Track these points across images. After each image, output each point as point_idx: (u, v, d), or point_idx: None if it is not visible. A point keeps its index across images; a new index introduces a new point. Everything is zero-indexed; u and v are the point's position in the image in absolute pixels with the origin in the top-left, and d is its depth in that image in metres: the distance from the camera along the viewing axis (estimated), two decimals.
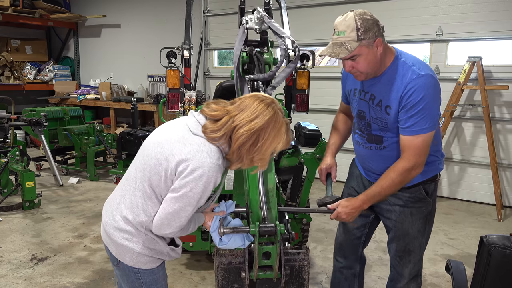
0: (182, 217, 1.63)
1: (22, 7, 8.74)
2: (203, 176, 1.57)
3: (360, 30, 1.87)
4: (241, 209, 2.01)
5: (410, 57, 2.02)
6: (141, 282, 1.79)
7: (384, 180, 2.04)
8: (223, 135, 1.61)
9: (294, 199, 3.37)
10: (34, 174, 4.99)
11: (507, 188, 5.49)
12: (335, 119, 2.53)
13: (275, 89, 2.66)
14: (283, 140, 1.66)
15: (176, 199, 1.60)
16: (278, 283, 1.85)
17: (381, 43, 1.93)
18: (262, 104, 1.63)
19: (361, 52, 1.91)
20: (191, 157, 1.58)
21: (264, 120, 1.61)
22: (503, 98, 5.37)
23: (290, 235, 1.82)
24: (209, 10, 7.79)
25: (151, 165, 1.65)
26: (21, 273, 3.55)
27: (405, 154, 1.99)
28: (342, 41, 1.90)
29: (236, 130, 1.61)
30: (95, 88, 9.13)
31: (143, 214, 1.68)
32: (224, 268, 1.81)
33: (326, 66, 6.96)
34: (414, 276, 2.29)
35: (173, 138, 1.65)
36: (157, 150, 1.65)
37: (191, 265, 3.72)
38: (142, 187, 1.67)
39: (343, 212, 2.08)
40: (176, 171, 1.59)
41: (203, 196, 1.62)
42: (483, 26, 5.35)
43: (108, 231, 1.75)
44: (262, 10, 2.86)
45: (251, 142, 1.61)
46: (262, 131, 1.61)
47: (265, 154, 1.65)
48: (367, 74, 2.00)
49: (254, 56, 3.01)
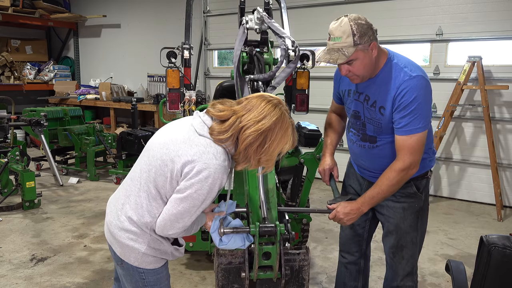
0: (186, 218, 1.63)
1: (22, 7, 8.74)
2: (209, 177, 1.56)
3: (356, 35, 1.91)
4: (241, 209, 2.01)
5: (402, 58, 2.07)
6: (145, 282, 1.79)
7: (382, 182, 2.07)
8: (230, 136, 1.60)
9: (294, 199, 3.37)
10: (34, 174, 4.99)
11: (507, 188, 5.49)
12: (329, 119, 2.55)
13: (275, 89, 2.66)
14: (289, 141, 1.66)
15: (181, 200, 1.60)
16: (278, 283, 1.85)
17: (375, 46, 1.98)
18: (269, 104, 1.63)
19: (358, 56, 1.95)
20: (197, 159, 1.57)
21: (272, 121, 1.60)
22: (503, 98, 5.37)
23: (290, 235, 1.82)
24: (209, 10, 7.79)
25: (157, 166, 1.64)
26: (21, 273, 3.55)
27: (400, 154, 2.03)
28: (338, 46, 1.94)
29: (244, 130, 1.60)
30: (95, 88, 9.13)
31: (148, 215, 1.68)
32: (224, 268, 1.81)
33: (326, 66, 6.96)
34: (409, 273, 2.30)
35: (178, 139, 1.64)
36: (162, 151, 1.64)
37: (191, 265, 3.72)
38: (147, 188, 1.67)
39: (341, 212, 2.10)
40: (182, 172, 1.59)
41: (208, 198, 1.61)
42: (483, 26, 5.35)
43: (113, 231, 1.75)
44: (262, 10, 2.86)
45: (258, 143, 1.60)
46: (269, 132, 1.60)
47: (272, 155, 1.65)
48: (363, 77, 2.05)
49: (254, 56, 3.01)
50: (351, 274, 2.56)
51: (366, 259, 2.58)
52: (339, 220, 2.13)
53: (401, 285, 2.31)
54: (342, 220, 2.12)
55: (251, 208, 1.97)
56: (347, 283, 2.58)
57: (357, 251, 2.52)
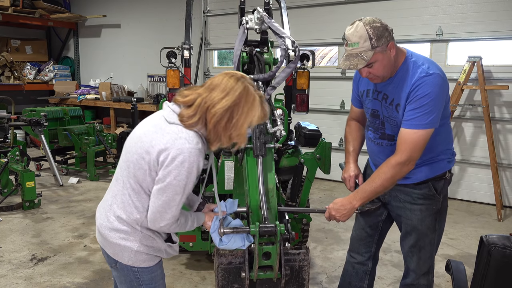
0: (173, 207, 1.64)
1: (22, 7, 8.74)
2: (185, 162, 1.58)
3: (373, 38, 1.91)
4: (241, 209, 2.01)
5: (420, 57, 2.07)
6: (140, 281, 1.80)
7: (376, 175, 2.06)
8: (199, 119, 1.63)
9: (294, 199, 3.36)
10: (34, 174, 4.99)
11: (507, 188, 5.49)
12: (349, 127, 2.51)
13: (275, 89, 2.66)
14: (258, 113, 1.67)
15: (162, 190, 1.61)
16: (278, 283, 1.85)
17: (393, 46, 1.98)
18: (231, 79, 1.65)
19: (377, 58, 1.96)
20: (170, 146, 1.59)
21: (235, 96, 1.62)
22: (503, 98, 5.37)
23: (290, 235, 1.82)
24: (209, 10, 7.79)
25: (134, 161, 1.66)
26: (21, 273, 3.55)
27: (400, 147, 2.01)
28: (357, 52, 1.95)
29: (209, 109, 1.62)
30: (95, 88, 9.13)
31: (136, 212, 1.69)
32: (224, 268, 1.81)
33: (326, 66, 6.96)
34: (425, 273, 2.30)
35: (150, 130, 1.67)
36: (137, 146, 1.67)
37: (191, 265, 3.72)
38: (130, 185, 1.69)
39: (333, 209, 2.09)
40: (158, 161, 1.61)
41: (189, 183, 1.62)
42: (483, 26, 5.35)
43: (104, 232, 1.76)
44: (262, 10, 2.86)
45: (226, 119, 1.62)
46: (235, 106, 1.62)
47: (242, 129, 1.65)
48: (384, 77, 2.06)
49: (254, 56, 3.01)
50: (358, 274, 2.55)
51: (374, 261, 2.56)
52: (333, 218, 2.11)
53: (416, 283, 2.32)
54: (335, 217, 2.10)
55: (251, 208, 1.97)
56: (352, 282, 2.57)
57: (367, 252, 2.50)
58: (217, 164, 3.23)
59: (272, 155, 2.30)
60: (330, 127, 6.17)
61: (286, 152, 3.38)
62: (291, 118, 3.46)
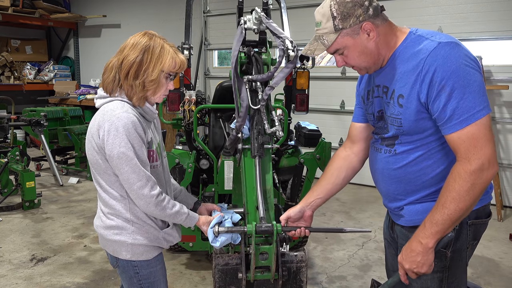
0: (141, 175, 1.65)
1: (22, 7, 8.74)
2: (118, 128, 1.63)
3: (336, 18, 1.51)
4: (239, 210, 2.01)
5: (428, 31, 1.58)
6: (139, 276, 1.81)
7: (444, 197, 1.46)
8: (117, 84, 1.71)
9: (294, 199, 3.36)
10: (34, 174, 5.00)
11: (507, 188, 5.48)
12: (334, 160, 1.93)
13: (273, 89, 2.64)
14: (168, 60, 1.71)
15: (119, 166, 1.65)
16: (276, 285, 1.84)
17: (372, 27, 1.54)
18: (136, 36, 1.73)
19: (345, 43, 1.56)
20: (102, 121, 1.67)
21: (141, 45, 1.69)
22: (503, 98, 5.37)
23: (287, 235, 1.81)
24: (209, 10, 7.79)
25: (91, 158, 1.74)
26: (21, 273, 3.56)
27: (459, 154, 1.45)
28: (320, 34, 1.58)
29: (121, 65, 1.69)
30: (95, 88, 9.12)
31: (116, 203, 1.74)
32: (221, 270, 1.81)
33: (326, 66, 6.96)
34: None
35: (91, 124, 1.77)
36: (87, 140, 1.76)
37: (191, 265, 3.72)
38: (100, 180, 1.76)
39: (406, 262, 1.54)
40: (100, 138, 1.67)
41: (136, 146, 1.65)
42: (483, 26, 5.34)
43: (101, 232, 1.82)
44: (261, 10, 2.85)
45: (136, 67, 1.68)
46: (144, 54, 1.68)
47: (153, 75, 1.69)
48: (367, 67, 1.64)
49: (253, 56, 3.00)
50: None
51: None
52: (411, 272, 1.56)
53: None
54: (416, 270, 1.53)
55: (248, 208, 1.97)
56: None
57: None
58: (217, 164, 3.23)
59: (270, 156, 2.30)
60: (330, 127, 6.18)
61: (286, 152, 3.38)
62: (291, 118, 3.45)
